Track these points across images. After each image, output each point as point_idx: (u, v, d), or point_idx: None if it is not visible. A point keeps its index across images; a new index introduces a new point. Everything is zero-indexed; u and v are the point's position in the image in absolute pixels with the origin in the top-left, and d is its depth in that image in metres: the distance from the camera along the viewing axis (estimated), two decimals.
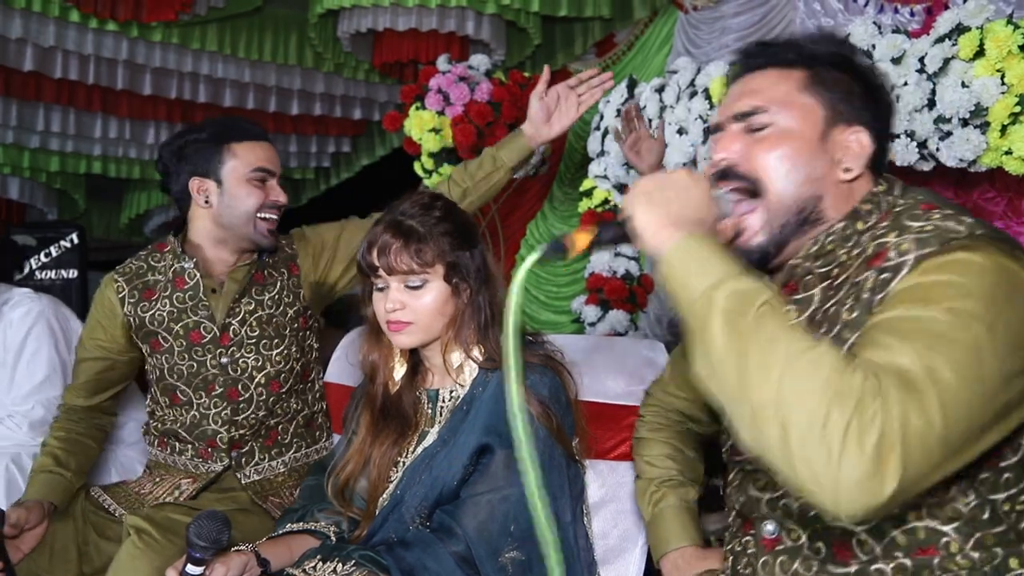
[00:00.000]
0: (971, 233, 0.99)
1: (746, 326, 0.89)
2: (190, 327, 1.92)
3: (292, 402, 1.98)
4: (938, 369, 0.85)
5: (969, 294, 0.92)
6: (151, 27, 4.58)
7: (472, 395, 1.50)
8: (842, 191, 1.15)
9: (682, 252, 0.98)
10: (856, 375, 0.84)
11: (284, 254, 2.01)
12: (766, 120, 1.15)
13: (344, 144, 6.28)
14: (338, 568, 1.35)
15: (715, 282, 0.94)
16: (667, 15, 4.18)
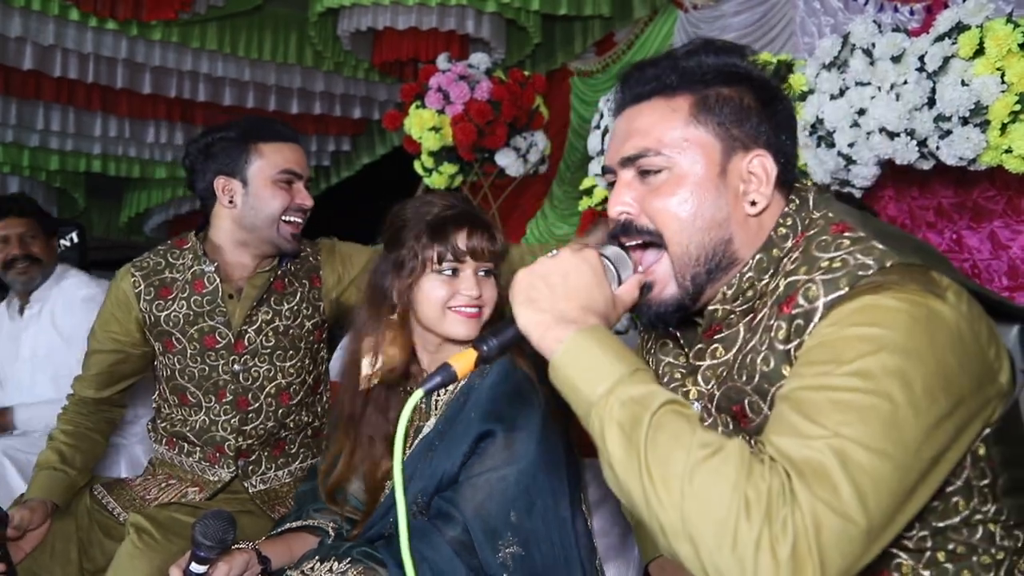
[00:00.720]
0: (881, 266, 0.93)
1: (641, 438, 0.84)
2: (205, 331, 1.89)
3: (302, 414, 1.96)
4: (850, 452, 0.81)
5: (881, 347, 0.86)
6: (151, 26, 4.58)
7: (470, 385, 1.50)
8: (751, 227, 1.06)
9: (569, 357, 0.92)
10: (764, 477, 0.80)
11: (308, 264, 1.98)
12: (658, 163, 1.06)
13: (344, 143, 6.28)
14: (334, 567, 1.35)
15: (607, 389, 0.89)
16: (667, 14, 4.19)
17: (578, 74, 4.72)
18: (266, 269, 1.92)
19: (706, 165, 1.05)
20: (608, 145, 1.15)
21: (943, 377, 0.87)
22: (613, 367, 0.90)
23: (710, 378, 1.11)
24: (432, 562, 1.34)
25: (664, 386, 1.12)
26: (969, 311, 0.93)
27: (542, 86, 4.10)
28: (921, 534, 0.99)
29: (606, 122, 3.67)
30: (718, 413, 1.10)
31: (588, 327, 0.93)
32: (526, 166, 4.16)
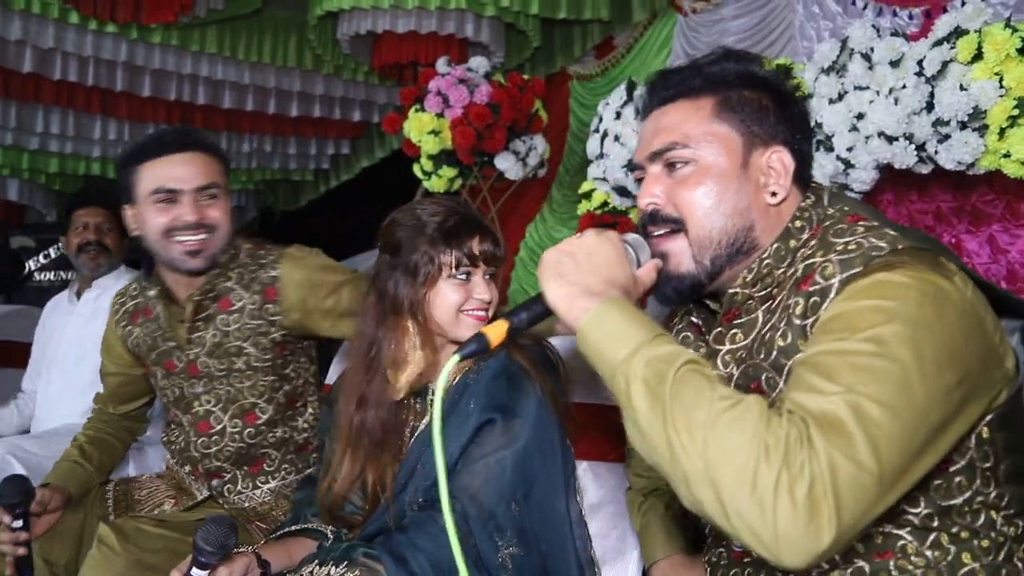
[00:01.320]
0: (893, 248, 0.99)
1: (666, 392, 0.89)
2: (164, 355, 1.88)
3: (277, 431, 1.88)
4: (864, 407, 0.86)
5: (894, 318, 0.92)
6: (150, 29, 4.58)
7: (465, 382, 1.51)
8: (771, 215, 1.14)
9: (595, 324, 0.98)
10: (781, 426, 0.85)
11: (259, 277, 1.83)
12: (684, 156, 1.14)
13: (343, 146, 6.29)
14: (331, 571, 1.35)
15: (632, 351, 0.94)
16: (666, 18, 4.19)
17: (577, 78, 4.72)
18: (196, 289, 1.82)
19: (728, 158, 1.13)
20: (636, 146, 1.23)
21: (950, 350, 0.92)
22: (637, 332, 0.96)
23: (729, 362, 1.17)
24: (429, 552, 1.34)
25: None
26: (974, 297, 0.99)
27: (541, 90, 4.11)
28: (926, 511, 1.04)
29: (605, 126, 3.68)
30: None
31: (612, 298, 1.00)
32: (525, 169, 4.16)
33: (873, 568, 1.05)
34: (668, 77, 1.20)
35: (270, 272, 1.82)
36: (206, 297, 1.82)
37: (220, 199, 1.79)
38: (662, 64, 4.09)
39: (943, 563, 1.03)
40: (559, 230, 4.48)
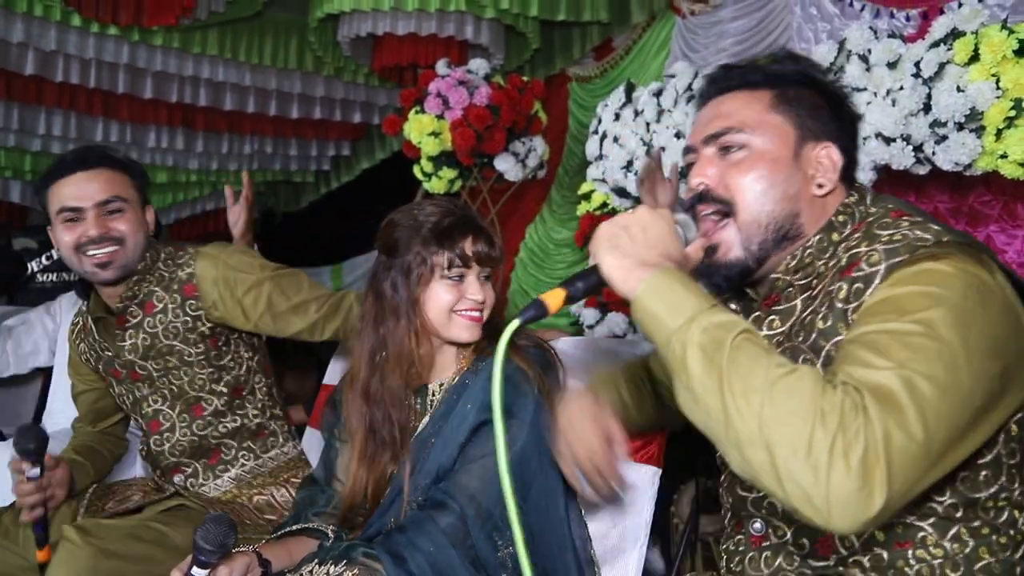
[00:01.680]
0: (938, 240, 1.02)
1: (723, 358, 0.92)
2: (108, 365, 1.95)
3: (226, 420, 1.93)
4: (916, 382, 0.88)
5: (940, 303, 0.94)
6: (152, 31, 4.59)
7: (463, 383, 1.52)
8: (816, 206, 1.18)
9: (652, 292, 1.00)
10: (836, 393, 0.87)
11: (178, 276, 1.89)
12: (739, 140, 1.18)
13: (344, 148, 6.30)
14: (331, 570, 1.36)
15: (688, 318, 0.96)
16: (665, 20, 4.20)
17: (576, 80, 4.73)
18: (118, 297, 1.88)
19: (782, 147, 1.17)
20: (690, 131, 1.28)
21: (992, 340, 0.95)
22: (694, 300, 0.98)
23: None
24: (427, 553, 1.35)
25: None
26: (1012, 297, 1.02)
27: (541, 91, 4.12)
28: (951, 501, 1.06)
29: (604, 127, 3.69)
30: None
31: (668, 269, 1.03)
32: (525, 171, 4.18)
33: (892, 557, 1.08)
34: (730, 69, 1.26)
35: (186, 270, 1.89)
36: (131, 304, 1.88)
37: (126, 211, 1.84)
38: (660, 66, 4.10)
39: (960, 555, 1.06)
40: (558, 231, 4.49)
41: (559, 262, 4.49)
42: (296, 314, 1.88)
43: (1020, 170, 2.28)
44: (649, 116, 3.44)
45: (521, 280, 4.65)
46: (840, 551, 1.11)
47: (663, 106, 3.42)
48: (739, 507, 1.26)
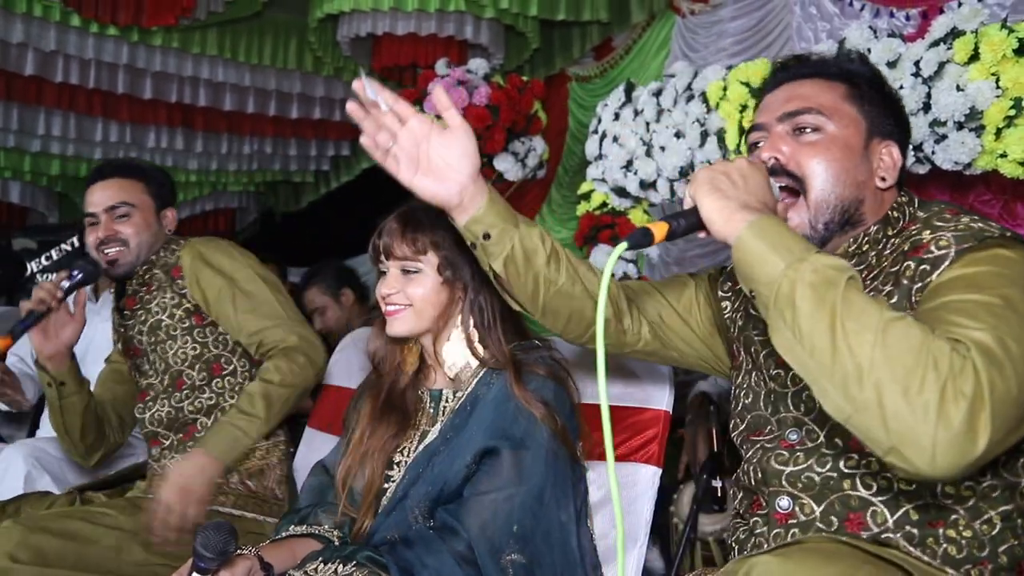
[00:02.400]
0: (1002, 234, 1.08)
1: (836, 296, 0.94)
2: (127, 344, 2.15)
3: (203, 397, 2.03)
4: (1008, 343, 0.93)
5: (1013, 283, 1.01)
6: (151, 32, 4.60)
7: (476, 395, 1.51)
8: (877, 197, 1.23)
9: (758, 232, 1.02)
10: (945, 343, 0.91)
11: (169, 261, 2.08)
12: (815, 122, 1.22)
13: (344, 148, 6.30)
14: (339, 569, 1.35)
15: (798, 258, 0.98)
16: (664, 19, 4.20)
17: (576, 79, 4.73)
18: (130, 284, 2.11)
19: (854, 136, 1.21)
20: (760, 111, 1.30)
21: None
22: (801, 244, 1.01)
23: None
24: (435, 570, 1.35)
25: (757, 339, 1.31)
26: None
27: (540, 91, 4.12)
28: (991, 482, 1.11)
29: (604, 127, 3.69)
30: None
31: (770, 215, 1.06)
32: (524, 171, 4.18)
33: (923, 534, 1.10)
34: (807, 59, 1.30)
35: (174, 256, 2.08)
36: (140, 288, 2.09)
37: (133, 216, 2.06)
38: (660, 65, 4.10)
39: (986, 536, 1.10)
40: (558, 231, 4.49)
41: None
42: (241, 326, 1.99)
43: (1020, 169, 2.28)
44: (649, 116, 3.44)
45: None
46: (871, 525, 1.12)
47: (663, 106, 3.41)
48: (765, 484, 1.25)
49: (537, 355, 1.53)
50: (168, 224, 2.13)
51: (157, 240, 2.10)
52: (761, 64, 2.84)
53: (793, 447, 1.22)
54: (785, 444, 1.23)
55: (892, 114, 1.26)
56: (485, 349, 1.54)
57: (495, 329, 1.54)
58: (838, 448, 1.18)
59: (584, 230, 3.95)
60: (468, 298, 1.54)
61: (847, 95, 1.24)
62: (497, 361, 1.51)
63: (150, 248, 2.09)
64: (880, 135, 1.24)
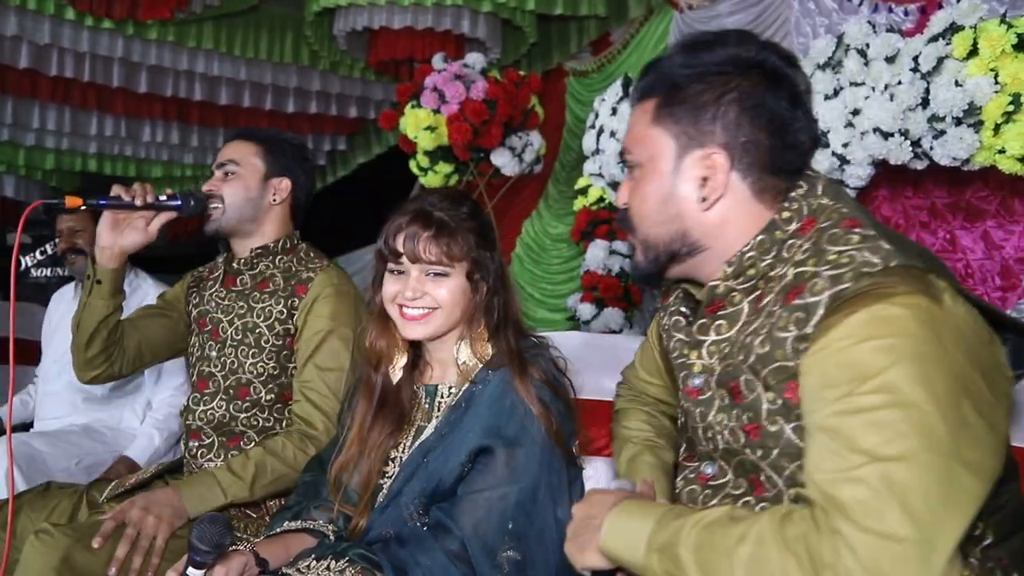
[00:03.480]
0: (885, 266, 0.97)
1: (689, 568, 0.96)
2: (202, 315, 2.05)
3: (261, 416, 1.95)
4: (891, 473, 0.86)
5: (899, 358, 0.91)
6: (147, 25, 4.58)
7: (471, 392, 1.50)
8: (707, 220, 1.12)
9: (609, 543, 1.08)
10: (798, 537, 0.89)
11: (300, 274, 1.99)
12: (631, 161, 1.18)
13: (340, 142, 6.28)
14: (331, 566, 1.35)
15: (644, 551, 1.02)
16: (662, 14, 4.19)
17: (573, 74, 4.72)
18: (237, 260, 2.02)
19: (661, 162, 1.13)
20: None
21: (960, 379, 0.92)
22: (642, 528, 1.04)
23: (714, 353, 1.16)
24: (427, 569, 1.34)
25: (676, 362, 1.25)
26: (967, 312, 0.98)
27: (537, 86, 4.11)
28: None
29: (601, 122, 3.68)
30: (717, 388, 1.15)
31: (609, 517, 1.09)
32: (521, 166, 4.17)
33: None
34: (639, 77, 1.21)
35: (308, 273, 1.98)
36: (245, 272, 2.00)
37: (235, 177, 1.97)
38: None
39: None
40: (555, 226, 4.49)
41: (555, 257, 4.48)
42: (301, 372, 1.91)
43: (1018, 165, 2.28)
44: None
45: (517, 275, 4.65)
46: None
47: None
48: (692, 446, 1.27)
49: (536, 352, 1.53)
50: (279, 194, 2.01)
51: (258, 210, 1.98)
52: None
53: (707, 482, 1.20)
54: (701, 478, 1.22)
55: (713, 109, 1.09)
56: (493, 347, 1.53)
57: (506, 327, 1.54)
58: (742, 488, 1.15)
59: (581, 225, 3.94)
60: (484, 299, 1.54)
61: (656, 112, 1.13)
62: (502, 359, 1.50)
63: (250, 216, 1.97)
64: (697, 144, 1.10)
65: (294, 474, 1.77)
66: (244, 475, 1.76)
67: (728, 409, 1.13)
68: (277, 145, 2.04)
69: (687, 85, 1.12)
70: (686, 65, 1.13)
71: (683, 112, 1.12)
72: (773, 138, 1.10)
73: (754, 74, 1.10)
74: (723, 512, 0.98)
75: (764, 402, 1.07)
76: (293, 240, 2.06)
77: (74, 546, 1.59)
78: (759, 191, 1.11)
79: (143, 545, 1.63)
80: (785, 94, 1.11)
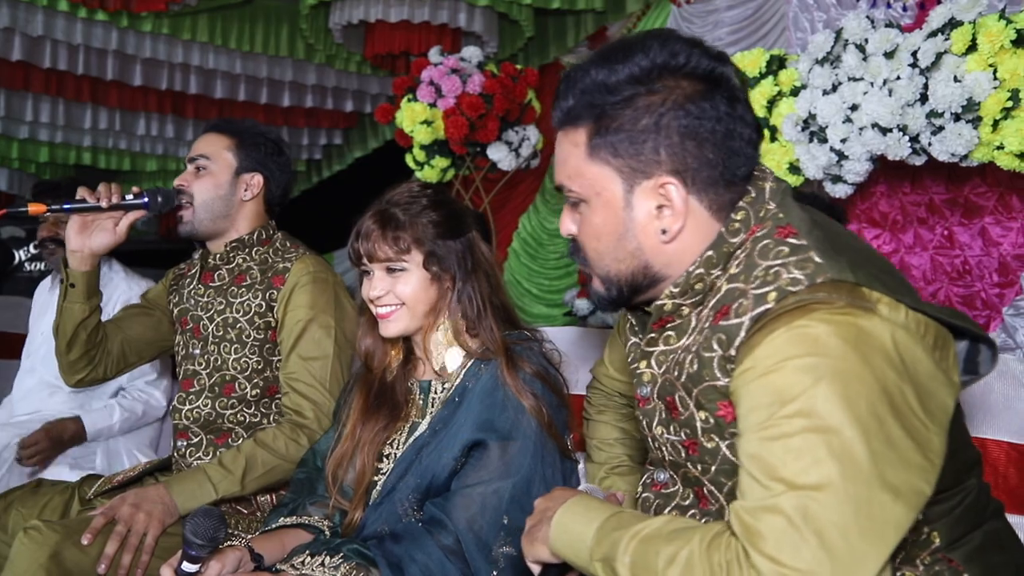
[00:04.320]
0: (811, 283, 0.93)
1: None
2: (183, 313, 2.04)
3: (248, 412, 1.93)
4: (808, 505, 0.83)
5: (820, 377, 0.87)
6: (141, 17, 4.55)
7: (464, 386, 1.50)
8: (668, 251, 1.06)
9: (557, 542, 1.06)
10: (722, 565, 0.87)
11: (276, 265, 1.97)
12: (574, 197, 1.09)
13: (336, 136, 6.27)
14: (326, 561, 1.35)
15: (587, 559, 1.01)
16: (660, 8, 4.18)
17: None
18: (213, 255, 2.00)
19: (609, 199, 1.06)
20: None
21: (885, 393, 0.87)
22: (586, 530, 1.03)
23: (662, 363, 1.13)
24: (423, 565, 1.34)
25: (630, 367, 1.21)
26: (908, 321, 0.92)
27: (534, 80, 4.09)
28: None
29: None
30: (658, 400, 1.14)
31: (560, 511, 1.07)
32: (518, 160, 4.15)
33: None
34: (557, 94, 1.09)
35: (284, 264, 1.94)
36: (222, 267, 1.97)
37: (206, 172, 1.93)
38: None
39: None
40: (551, 220, 4.48)
41: (552, 252, 4.48)
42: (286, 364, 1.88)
43: (1016, 161, 2.27)
44: None
45: (514, 270, 4.64)
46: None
47: None
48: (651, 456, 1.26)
49: (527, 346, 1.52)
50: (251, 190, 1.96)
51: (228, 206, 1.94)
52: (757, 54, 2.82)
53: (659, 489, 1.19)
54: (655, 485, 1.21)
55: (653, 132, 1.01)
56: (475, 339, 1.52)
57: (486, 317, 1.53)
58: (689, 500, 1.14)
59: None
60: (456, 288, 1.53)
61: (589, 145, 1.04)
62: (488, 350, 1.50)
63: (221, 213, 1.94)
64: (644, 175, 1.03)
65: (287, 465, 1.76)
66: (234, 469, 1.75)
67: (667, 423, 1.13)
68: (250, 139, 1.99)
69: (618, 113, 1.03)
70: (609, 85, 1.03)
71: (620, 143, 1.03)
72: (720, 151, 1.03)
73: (685, 84, 1.02)
74: (660, 525, 0.95)
75: (698, 420, 1.06)
76: (269, 231, 2.02)
77: (63, 543, 1.57)
78: (715, 208, 1.05)
79: (132, 542, 1.62)
80: (722, 97, 1.02)
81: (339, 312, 1.91)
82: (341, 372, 1.89)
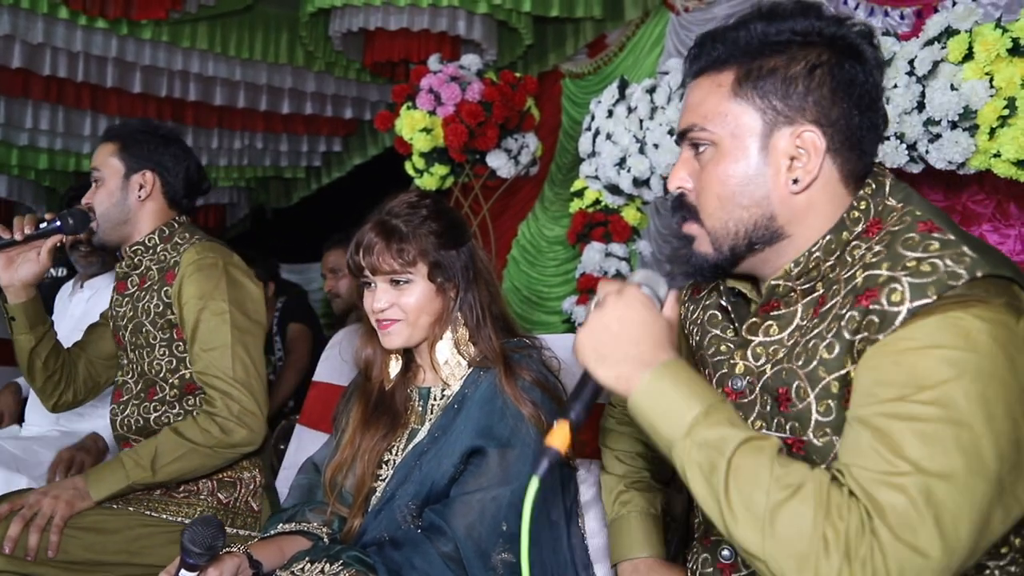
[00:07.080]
0: (972, 277, 0.91)
1: (720, 482, 0.88)
2: (116, 330, 2.04)
3: (173, 413, 1.92)
4: (933, 489, 0.84)
5: (963, 372, 0.87)
6: (141, 25, 4.56)
7: (463, 393, 1.50)
8: (797, 204, 1.05)
9: (646, 400, 0.95)
10: (842, 517, 0.84)
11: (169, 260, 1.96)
12: (703, 138, 1.07)
13: (335, 143, 6.27)
14: (326, 568, 1.35)
15: (684, 432, 0.92)
16: (658, 16, 4.19)
17: (569, 76, 4.72)
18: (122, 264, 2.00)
19: (746, 140, 1.04)
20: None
21: (1021, 400, 0.89)
22: (688, 407, 0.92)
23: (761, 355, 1.11)
24: (423, 571, 1.34)
25: (711, 360, 1.17)
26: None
27: (533, 88, 4.10)
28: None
29: (597, 124, 3.68)
30: (761, 392, 1.10)
31: (661, 365, 0.95)
32: (517, 168, 4.16)
33: None
34: (700, 46, 1.10)
35: (176, 258, 1.92)
36: (132, 273, 1.98)
37: (100, 184, 1.93)
38: (654, 63, 4.09)
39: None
40: (551, 228, 4.48)
41: (551, 259, 4.48)
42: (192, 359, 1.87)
43: (1013, 169, 2.28)
44: (642, 113, 3.43)
45: (513, 277, 4.64)
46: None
47: (656, 103, 3.41)
48: (708, 528, 1.21)
49: (526, 353, 1.52)
50: (145, 188, 1.93)
51: (125, 211, 1.93)
52: None
53: None
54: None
55: (808, 83, 1.02)
56: (475, 347, 1.52)
57: (485, 326, 1.53)
58: None
59: (577, 227, 3.94)
60: (459, 298, 1.53)
61: (735, 86, 1.04)
62: (487, 358, 1.50)
63: (120, 219, 1.93)
64: (787, 121, 1.02)
65: (202, 450, 1.77)
66: (144, 456, 1.77)
67: (769, 417, 1.08)
68: (133, 138, 1.96)
69: (773, 55, 1.03)
70: (767, 33, 1.04)
71: (770, 85, 1.03)
72: (864, 116, 1.04)
73: (841, 45, 1.03)
74: (774, 444, 0.91)
75: (814, 412, 1.02)
76: (172, 226, 1.98)
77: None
78: (846, 174, 1.05)
79: (39, 523, 1.65)
80: (870, 69, 1.04)
81: (233, 293, 1.88)
82: (247, 354, 1.85)
